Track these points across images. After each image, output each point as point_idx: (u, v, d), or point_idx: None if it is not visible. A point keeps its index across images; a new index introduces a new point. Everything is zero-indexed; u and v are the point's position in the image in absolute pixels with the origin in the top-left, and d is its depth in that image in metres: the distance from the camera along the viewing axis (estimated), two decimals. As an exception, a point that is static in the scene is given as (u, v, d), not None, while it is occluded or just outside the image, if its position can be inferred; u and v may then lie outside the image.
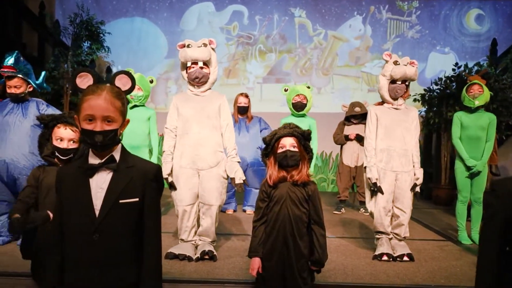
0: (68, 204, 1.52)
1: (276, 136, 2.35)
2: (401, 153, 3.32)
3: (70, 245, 1.51)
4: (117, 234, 1.49)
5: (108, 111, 1.48)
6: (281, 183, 2.32)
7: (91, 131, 1.46)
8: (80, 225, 1.48)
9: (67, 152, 2.41)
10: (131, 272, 1.53)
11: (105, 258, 1.48)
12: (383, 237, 3.41)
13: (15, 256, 3.14)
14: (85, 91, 1.53)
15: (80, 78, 1.62)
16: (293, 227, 2.27)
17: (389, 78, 3.33)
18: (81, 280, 1.49)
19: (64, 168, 1.63)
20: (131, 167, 1.54)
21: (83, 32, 6.53)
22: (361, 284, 2.82)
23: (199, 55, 3.15)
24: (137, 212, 1.53)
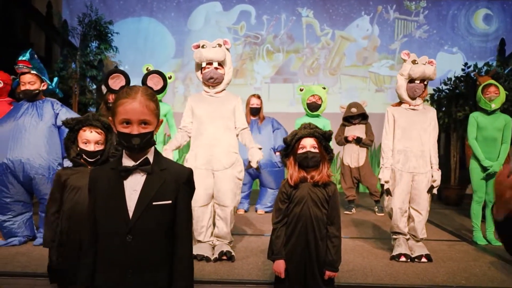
0: (102, 206, 1.51)
1: (297, 137, 2.34)
2: (418, 154, 3.31)
3: (104, 247, 1.50)
4: (150, 236, 1.48)
5: (144, 114, 1.47)
6: (301, 184, 2.31)
7: (128, 134, 1.46)
8: (114, 226, 1.48)
9: (94, 155, 2.41)
10: (163, 276, 1.51)
11: (138, 260, 1.47)
12: (400, 237, 3.39)
13: (32, 256, 3.15)
14: (119, 95, 1.52)
15: (113, 79, 1.63)
16: (314, 228, 2.26)
17: (407, 77, 3.32)
18: (113, 282, 1.48)
19: (97, 170, 1.61)
20: (164, 170, 1.53)
21: (92, 32, 6.51)
22: (381, 284, 2.81)
23: (214, 56, 3.14)
24: (170, 215, 1.52)
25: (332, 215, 2.28)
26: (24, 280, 2.74)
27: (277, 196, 2.40)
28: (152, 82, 1.63)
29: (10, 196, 3.41)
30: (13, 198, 3.42)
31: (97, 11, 6.69)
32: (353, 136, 5.24)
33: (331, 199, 2.29)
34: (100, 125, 2.45)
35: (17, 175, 3.37)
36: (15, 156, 3.35)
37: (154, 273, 1.49)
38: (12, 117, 3.48)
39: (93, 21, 6.55)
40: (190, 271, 1.58)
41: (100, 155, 2.44)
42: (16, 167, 3.35)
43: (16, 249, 3.34)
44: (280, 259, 2.28)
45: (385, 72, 8.00)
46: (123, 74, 1.62)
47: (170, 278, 1.52)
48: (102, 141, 2.44)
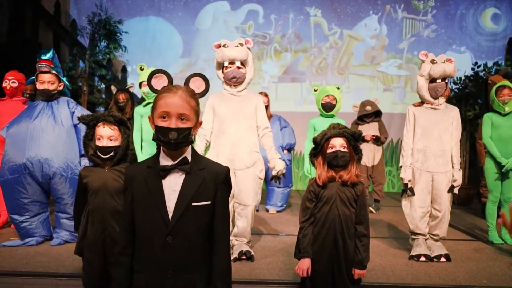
0: (141, 206, 1.50)
1: (326, 136, 2.35)
2: (438, 154, 3.30)
3: (143, 247, 1.49)
4: (189, 237, 1.47)
5: (183, 108, 1.45)
6: (330, 183, 2.32)
7: (165, 128, 1.43)
8: (154, 227, 1.46)
9: (106, 150, 2.39)
10: (202, 277, 1.51)
11: (178, 261, 1.46)
12: (419, 237, 3.39)
13: (52, 256, 3.14)
14: (161, 91, 1.51)
15: (156, 79, 1.62)
16: (343, 227, 2.27)
17: (427, 77, 3.31)
18: (154, 283, 1.47)
19: (132, 169, 1.59)
20: (202, 169, 1.52)
21: (102, 31, 6.50)
22: (404, 284, 2.81)
23: (237, 55, 3.14)
24: (208, 215, 1.51)
25: (361, 214, 2.29)
26: (46, 280, 2.74)
27: (305, 195, 2.41)
28: (194, 85, 1.62)
29: (28, 196, 3.41)
30: (30, 199, 3.42)
31: (106, 11, 6.68)
32: (371, 135, 5.22)
33: (359, 199, 2.30)
34: (112, 120, 2.42)
35: (35, 175, 3.36)
36: (34, 156, 3.34)
37: (193, 274, 1.48)
38: (28, 117, 3.47)
39: (102, 20, 6.53)
40: (229, 272, 1.58)
41: (114, 152, 2.42)
42: (34, 167, 3.34)
43: (34, 249, 3.33)
44: (307, 257, 2.29)
45: (393, 72, 7.99)
46: (166, 74, 1.61)
47: (208, 279, 1.52)
48: (115, 137, 2.41)
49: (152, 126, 1.51)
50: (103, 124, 2.42)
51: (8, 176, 3.36)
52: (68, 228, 3.50)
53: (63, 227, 3.50)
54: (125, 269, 1.53)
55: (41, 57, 3.47)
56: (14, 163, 3.35)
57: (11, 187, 3.37)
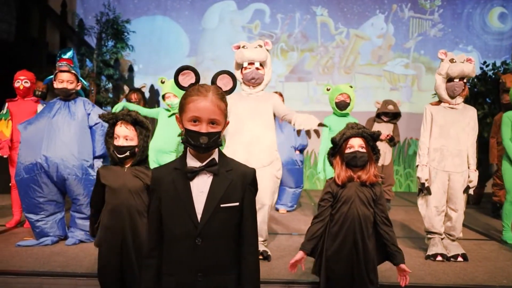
0: (169, 208, 1.49)
1: (345, 136, 2.34)
2: (455, 153, 3.29)
3: (172, 249, 1.49)
4: (219, 239, 1.47)
5: (214, 113, 1.45)
6: (349, 183, 2.31)
7: (197, 132, 1.43)
8: (183, 229, 1.46)
9: (122, 150, 2.37)
10: (232, 278, 1.50)
11: (207, 263, 1.46)
12: (435, 237, 3.38)
13: (68, 256, 3.13)
14: (190, 92, 1.50)
15: (183, 76, 1.60)
16: (362, 227, 2.26)
17: (445, 76, 3.30)
18: (183, 285, 1.47)
19: (159, 171, 1.58)
20: (230, 171, 1.52)
21: (109, 30, 6.49)
22: (424, 284, 2.80)
23: (257, 56, 3.14)
24: (237, 217, 1.51)
25: (384, 215, 2.29)
26: (65, 280, 2.73)
27: (322, 194, 2.39)
28: (222, 83, 1.60)
29: (44, 196, 3.40)
30: (46, 198, 3.41)
31: (114, 10, 6.67)
32: (386, 135, 5.21)
33: (379, 199, 2.30)
34: (129, 119, 2.42)
35: (51, 175, 3.36)
36: (50, 156, 3.33)
37: (223, 276, 1.48)
38: (46, 116, 3.46)
39: (110, 19, 6.52)
40: (258, 274, 1.56)
41: (130, 151, 2.40)
42: (50, 167, 3.34)
43: (49, 249, 3.32)
44: (301, 250, 2.30)
45: (400, 71, 7.98)
46: (193, 71, 1.59)
47: (238, 281, 1.51)
48: (131, 137, 2.40)
49: (180, 126, 1.52)
50: (121, 123, 2.41)
51: (24, 175, 3.35)
52: (83, 228, 3.49)
53: (78, 226, 3.49)
54: (153, 272, 1.52)
55: (62, 56, 3.47)
56: (30, 162, 3.34)
57: (27, 186, 3.36)
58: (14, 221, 4.09)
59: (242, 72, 3.22)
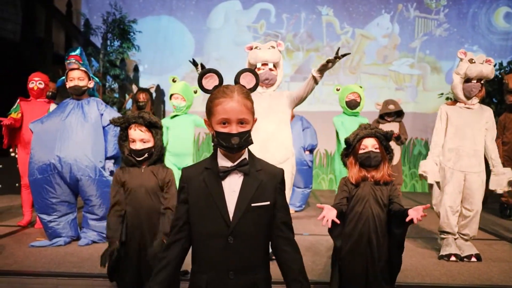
0: (200, 207, 1.50)
1: (358, 137, 2.37)
2: (471, 153, 3.28)
3: (203, 248, 1.49)
4: (250, 238, 1.48)
5: (242, 113, 1.46)
6: (363, 182, 2.35)
7: (227, 133, 1.45)
8: (214, 228, 1.47)
9: (140, 153, 2.40)
10: (262, 277, 1.51)
11: (239, 262, 1.46)
12: (449, 237, 3.37)
13: (82, 257, 3.13)
14: (216, 94, 1.50)
15: (206, 79, 1.61)
16: (376, 226, 2.27)
17: (463, 76, 3.29)
18: (214, 283, 1.47)
19: (189, 170, 1.59)
20: (260, 171, 1.53)
21: (116, 30, 6.49)
22: (440, 284, 2.80)
23: (270, 57, 3.14)
24: (268, 216, 1.52)
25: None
26: (81, 280, 2.72)
27: (338, 192, 2.42)
28: (245, 81, 1.61)
29: (57, 196, 3.39)
30: (59, 199, 3.41)
31: (121, 10, 6.67)
32: (395, 133, 5.20)
33: (394, 198, 2.30)
34: (143, 122, 2.42)
35: (64, 176, 3.35)
36: (63, 156, 3.33)
37: (254, 274, 1.49)
38: (59, 116, 3.46)
39: (117, 19, 6.52)
40: (305, 270, 1.57)
41: (148, 153, 2.42)
42: (64, 167, 3.33)
43: (62, 249, 3.32)
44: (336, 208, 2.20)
45: (405, 71, 7.98)
46: (216, 74, 1.59)
47: (268, 279, 1.53)
48: (147, 139, 2.42)
49: (209, 129, 1.53)
50: (134, 126, 2.43)
51: (37, 176, 3.35)
52: (95, 228, 3.48)
53: (90, 227, 3.49)
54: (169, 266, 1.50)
55: (70, 53, 3.46)
56: (44, 163, 3.34)
57: (40, 186, 3.36)
58: (25, 221, 4.09)
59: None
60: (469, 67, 3.22)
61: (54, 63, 6.99)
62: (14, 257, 3.08)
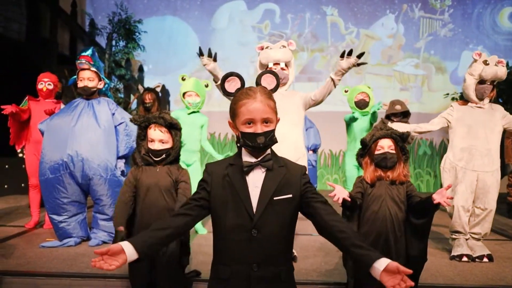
0: (223, 201, 1.53)
1: (374, 137, 2.39)
2: (484, 153, 3.29)
3: (227, 241, 1.52)
4: (274, 230, 1.50)
5: (266, 113, 1.50)
6: (378, 181, 2.36)
7: (253, 133, 1.48)
8: (238, 221, 1.49)
9: (158, 153, 2.41)
10: (285, 269, 1.53)
11: (262, 254, 1.48)
12: (460, 237, 3.37)
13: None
14: (239, 96, 1.53)
15: (228, 82, 1.63)
16: (394, 225, 2.28)
17: (477, 78, 3.29)
18: (238, 276, 1.49)
19: (213, 165, 1.62)
20: (282, 167, 1.57)
21: (122, 31, 6.48)
22: (455, 285, 2.79)
23: (282, 57, 3.13)
24: (291, 209, 1.54)
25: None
26: (94, 281, 2.71)
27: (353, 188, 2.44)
28: (266, 82, 1.63)
29: (68, 196, 3.39)
30: (70, 199, 3.40)
31: (126, 10, 6.67)
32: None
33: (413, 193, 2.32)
34: (163, 123, 2.43)
35: (75, 175, 3.35)
36: (75, 155, 3.32)
37: (278, 267, 1.51)
38: (69, 115, 3.45)
39: (123, 20, 6.51)
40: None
41: (166, 154, 2.42)
42: (75, 167, 3.33)
43: (73, 250, 3.31)
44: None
45: (410, 71, 7.98)
46: (238, 77, 1.61)
47: (291, 271, 1.56)
48: (166, 140, 2.43)
49: (234, 131, 1.57)
50: (154, 126, 2.44)
51: (49, 175, 3.34)
52: (105, 229, 3.48)
53: (101, 228, 3.48)
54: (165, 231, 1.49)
55: (81, 53, 3.45)
56: (56, 162, 3.33)
57: (52, 186, 3.36)
58: (33, 222, 4.08)
59: None
60: (484, 69, 3.22)
61: (59, 63, 6.99)
62: (26, 258, 3.07)
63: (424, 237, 2.26)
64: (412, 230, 2.27)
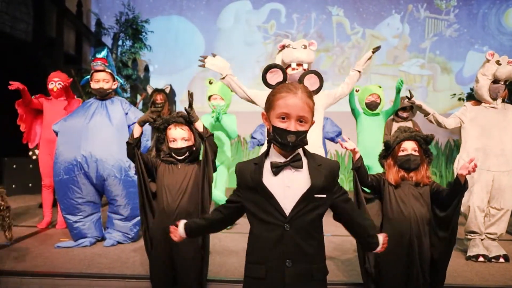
0: (255, 200, 1.52)
1: (398, 139, 2.42)
2: (498, 153, 3.29)
3: (260, 239, 1.52)
4: (306, 229, 1.50)
5: (303, 111, 1.47)
6: (402, 182, 2.39)
7: (285, 130, 1.45)
8: (271, 219, 1.49)
9: (181, 152, 2.42)
10: (318, 268, 1.53)
11: (295, 252, 1.48)
12: (476, 237, 3.37)
13: (111, 258, 3.11)
14: (279, 89, 1.51)
15: (271, 74, 1.63)
16: (419, 226, 2.30)
17: (491, 78, 3.30)
18: (273, 273, 1.49)
19: (243, 165, 1.62)
20: (320, 165, 1.55)
21: (129, 30, 6.47)
22: (474, 285, 2.80)
23: (306, 58, 3.11)
24: (324, 207, 1.54)
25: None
26: (114, 282, 2.71)
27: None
28: (309, 82, 1.62)
29: (83, 196, 3.38)
30: (84, 199, 3.39)
31: (133, 10, 6.65)
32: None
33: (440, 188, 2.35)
34: (183, 121, 2.45)
35: (90, 176, 3.34)
36: (89, 156, 3.31)
37: (311, 264, 1.51)
38: (83, 116, 3.44)
39: (130, 19, 6.50)
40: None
41: (188, 151, 2.43)
42: (90, 167, 3.32)
43: (89, 250, 3.30)
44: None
45: (416, 71, 7.99)
46: (281, 70, 1.60)
47: (324, 269, 1.56)
48: (188, 137, 2.44)
49: (266, 124, 1.54)
50: (174, 125, 2.44)
51: (63, 176, 3.33)
52: (120, 229, 3.47)
53: (115, 228, 3.47)
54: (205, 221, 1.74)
55: (96, 55, 3.45)
56: (70, 163, 3.32)
57: (66, 186, 3.34)
58: (45, 222, 4.06)
59: (288, 72, 3.21)
60: (498, 69, 3.24)
61: (65, 63, 6.98)
62: (43, 258, 3.06)
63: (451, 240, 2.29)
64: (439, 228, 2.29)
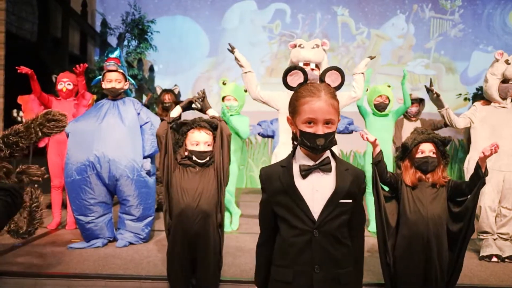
0: (283, 204, 1.50)
1: (416, 141, 2.43)
2: (509, 153, 3.29)
3: (289, 243, 1.50)
4: (334, 234, 1.48)
5: (330, 113, 1.45)
6: (419, 183, 2.41)
7: (313, 134, 1.44)
8: (299, 224, 1.48)
9: (204, 155, 2.43)
10: (346, 273, 1.51)
11: (323, 257, 1.47)
12: (488, 237, 3.36)
13: (124, 258, 3.10)
14: (302, 92, 1.50)
15: (291, 76, 1.60)
16: (437, 226, 2.31)
17: (500, 77, 3.30)
18: (301, 278, 1.48)
19: (268, 169, 1.60)
20: (347, 170, 1.53)
21: (135, 30, 6.46)
22: (491, 286, 2.80)
23: (313, 57, 3.11)
24: (350, 214, 1.52)
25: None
26: (129, 282, 2.70)
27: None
28: (330, 79, 1.58)
29: (95, 197, 3.36)
30: (97, 200, 3.37)
31: (140, 10, 6.64)
32: None
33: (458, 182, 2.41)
34: (208, 126, 2.47)
35: (102, 176, 3.32)
36: (102, 157, 3.30)
37: (338, 270, 1.50)
38: (95, 117, 3.42)
39: (136, 19, 6.49)
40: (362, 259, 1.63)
41: (209, 156, 2.46)
42: (102, 167, 3.30)
43: (102, 251, 3.28)
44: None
45: (420, 71, 7.99)
46: (301, 71, 1.57)
47: (351, 276, 1.54)
48: (210, 142, 2.46)
49: (292, 128, 1.53)
50: (198, 129, 2.45)
51: (75, 177, 3.32)
52: (132, 229, 3.46)
53: (127, 228, 3.46)
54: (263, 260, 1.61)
55: (109, 55, 3.44)
56: (83, 163, 3.31)
57: (79, 187, 3.33)
58: (55, 223, 4.04)
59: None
60: (508, 69, 3.25)
61: (70, 63, 6.96)
62: (56, 259, 3.05)
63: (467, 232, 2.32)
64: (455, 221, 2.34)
